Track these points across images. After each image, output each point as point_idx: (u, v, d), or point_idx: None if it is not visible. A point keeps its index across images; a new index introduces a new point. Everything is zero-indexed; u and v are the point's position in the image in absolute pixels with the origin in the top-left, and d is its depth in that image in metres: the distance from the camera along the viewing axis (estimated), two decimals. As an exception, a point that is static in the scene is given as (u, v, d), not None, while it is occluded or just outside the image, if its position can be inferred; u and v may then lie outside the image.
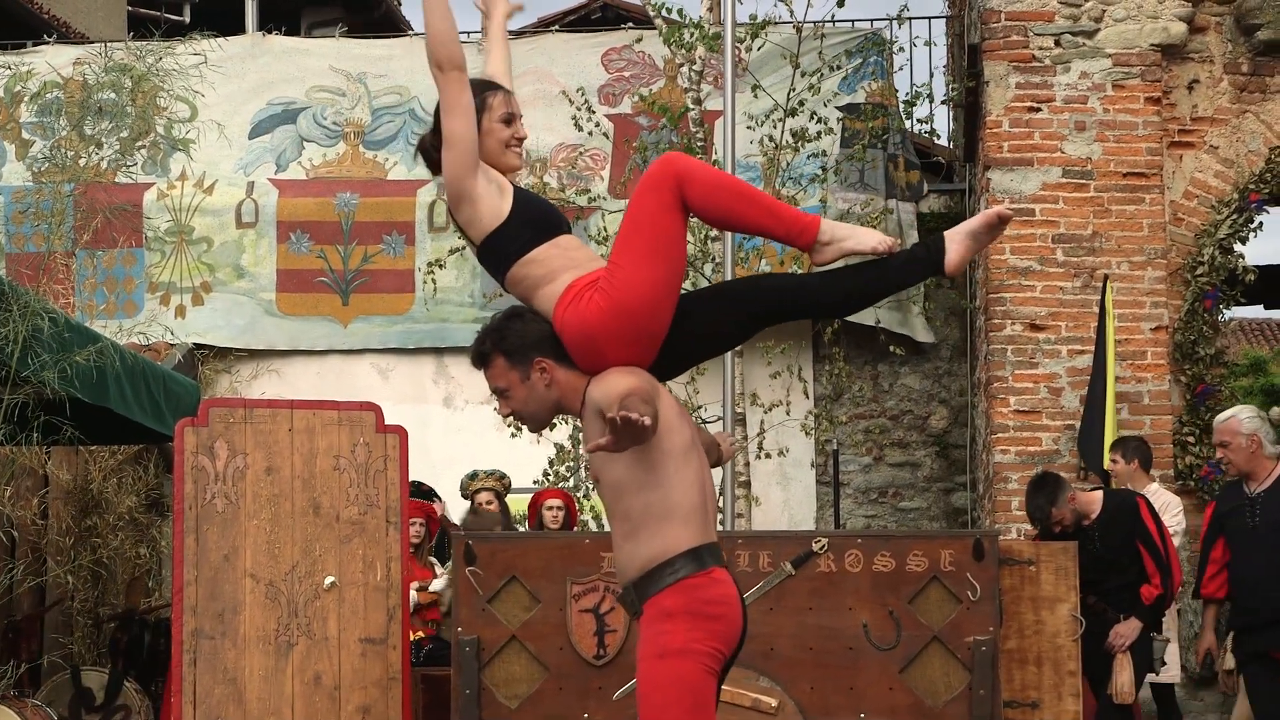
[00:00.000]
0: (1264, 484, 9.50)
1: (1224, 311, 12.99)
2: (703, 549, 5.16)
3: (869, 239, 5.22)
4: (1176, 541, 11.10)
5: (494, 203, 5.29)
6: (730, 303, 5.36)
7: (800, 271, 5.26)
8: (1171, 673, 11.08)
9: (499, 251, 5.30)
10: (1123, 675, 9.64)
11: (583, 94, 14.99)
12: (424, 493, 12.31)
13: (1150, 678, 10.37)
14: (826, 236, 5.20)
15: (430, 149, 5.45)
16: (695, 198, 5.17)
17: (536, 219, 5.33)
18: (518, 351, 5.22)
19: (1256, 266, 12.90)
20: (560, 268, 5.25)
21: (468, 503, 11.91)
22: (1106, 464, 11.30)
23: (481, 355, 5.28)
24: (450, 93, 5.25)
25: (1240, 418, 9.59)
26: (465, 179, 5.27)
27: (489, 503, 11.64)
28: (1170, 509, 11.21)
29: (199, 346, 15.85)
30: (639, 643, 5.13)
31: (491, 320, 5.36)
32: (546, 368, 5.20)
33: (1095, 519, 9.83)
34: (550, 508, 11.68)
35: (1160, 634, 10.04)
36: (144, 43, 12.41)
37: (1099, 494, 10.06)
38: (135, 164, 13.63)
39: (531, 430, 5.46)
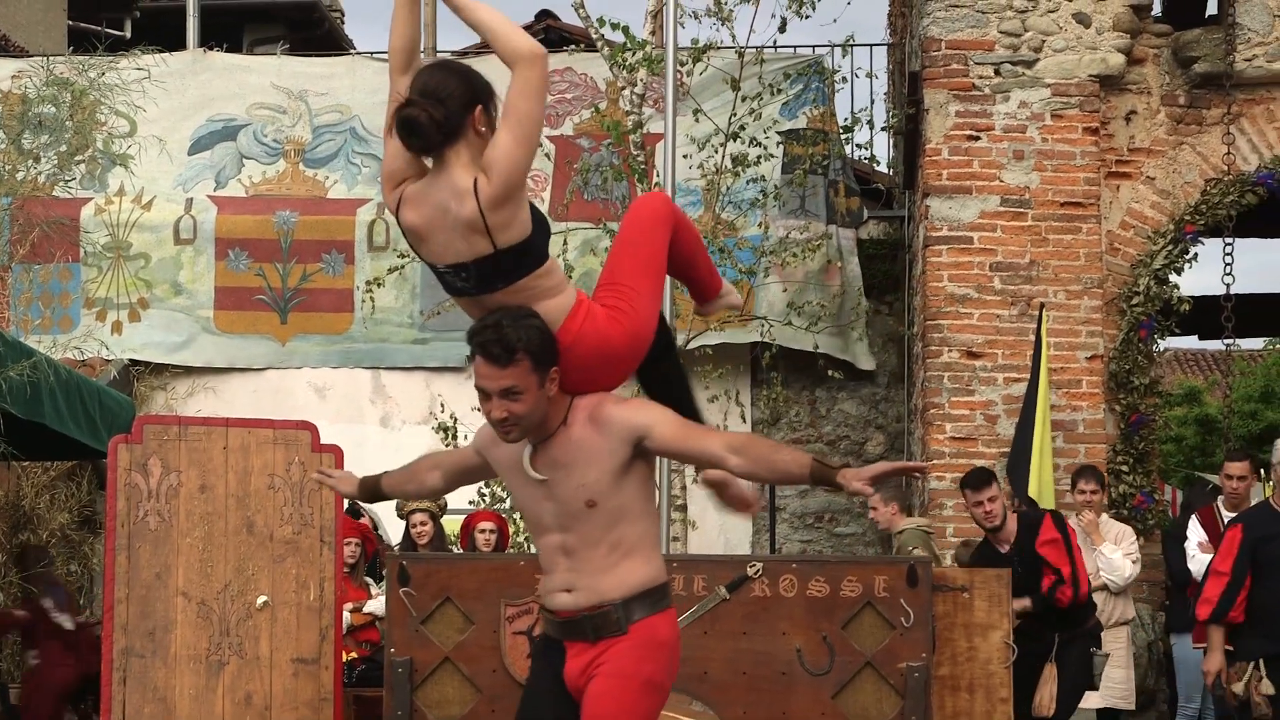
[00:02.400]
0: None
1: (1159, 341, 13.06)
2: None
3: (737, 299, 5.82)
4: (1136, 570, 11.17)
5: (528, 208, 5.08)
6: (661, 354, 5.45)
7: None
8: (1130, 701, 11.19)
9: (524, 257, 5.04)
10: (1045, 689, 9.62)
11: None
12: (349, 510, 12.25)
13: (1095, 701, 10.39)
14: (724, 291, 5.68)
15: (430, 124, 4.95)
16: (682, 239, 5.32)
17: (546, 229, 5.18)
18: (545, 357, 4.98)
19: (1191, 297, 12.98)
20: (564, 280, 5.16)
21: (403, 523, 11.87)
22: (1076, 496, 11.37)
23: (509, 352, 4.93)
24: (542, 77, 5.06)
25: None
26: (525, 174, 5.01)
27: (423, 523, 11.60)
28: (1125, 537, 11.29)
29: (135, 363, 15.77)
30: (613, 656, 5.10)
31: (502, 316, 5.00)
32: (555, 378, 5.03)
33: (1013, 544, 9.86)
34: (482, 530, 11.65)
35: (1100, 649, 10.04)
36: (85, 57, 12.36)
37: (1014, 517, 10.08)
38: (73, 179, 13.58)
39: (514, 440, 5.11)
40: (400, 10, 5.29)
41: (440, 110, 4.95)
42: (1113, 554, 11.15)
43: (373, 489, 5.82)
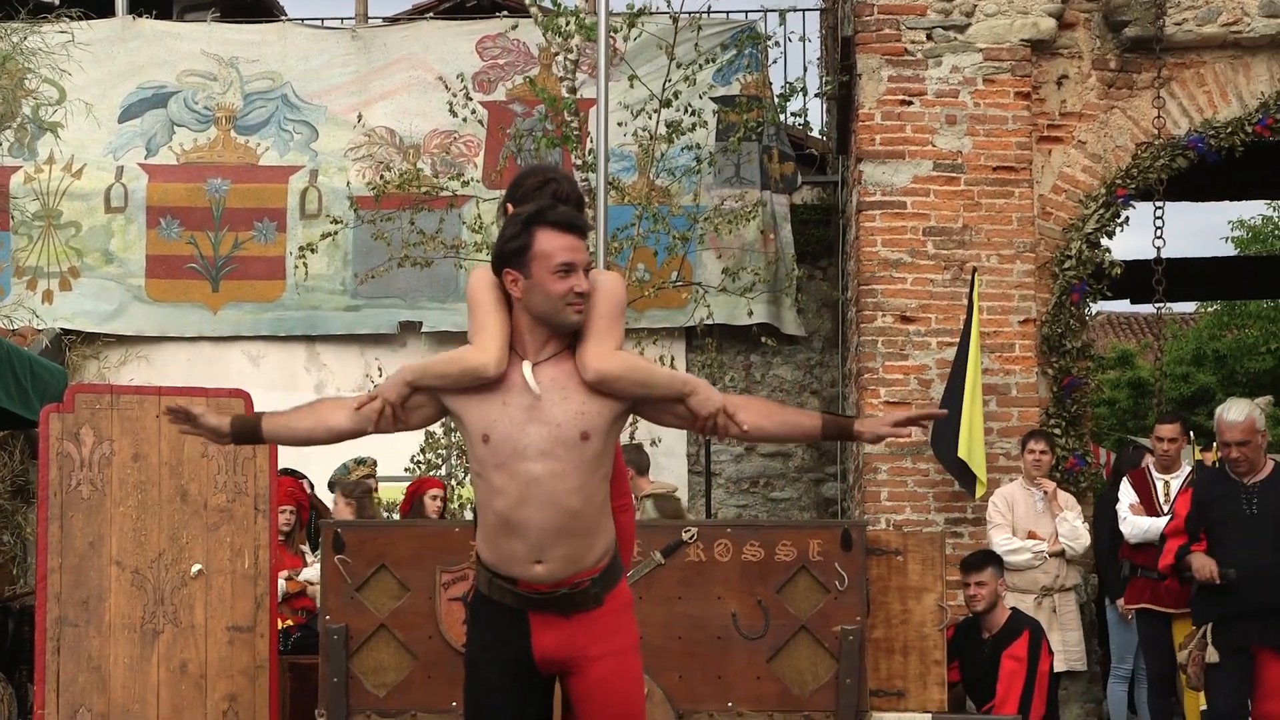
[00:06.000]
0: (1260, 474, 9.18)
1: (1091, 305, 13.11)
2: None
3: None
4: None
5: None
6: None
7: None
8: (1082, 662, 11.30)
9: None
10: None
11: (462, 79, 14.92)
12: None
13: (1056, 665, 10.38)
14: None
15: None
16: None
17: None
18: None
19: (1123, 261, 13.04)
20: None
21: (344, 496, 11.80)
22: (1027, 456, 11.42)
23: (586, 227, 5.10)
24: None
25: (1254, 415, 9.16)
26: None
27: (372, 490, 11.63)
28: (1074, 506, 11.35)
29: (66, 332, 15.68)
30: (602, 634, 5.06)
31: (564, 206, 5.18)
32: None
33: (993, 635, 9.79)
34: (434, 497, 11.68)
35: None
36: (8, 23, 12.23)
37: (1009, 612, 10.00)
38: (1, 146, 13.45)
39: (576, 324, 5.00)
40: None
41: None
42: (1076, 521, 11.25)
43: (247, 431, 5.44)
